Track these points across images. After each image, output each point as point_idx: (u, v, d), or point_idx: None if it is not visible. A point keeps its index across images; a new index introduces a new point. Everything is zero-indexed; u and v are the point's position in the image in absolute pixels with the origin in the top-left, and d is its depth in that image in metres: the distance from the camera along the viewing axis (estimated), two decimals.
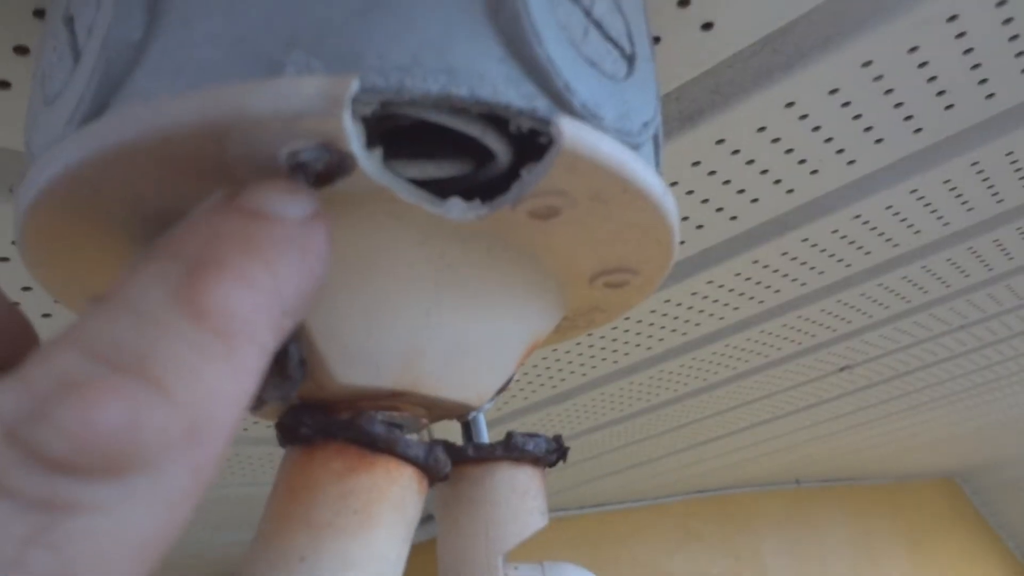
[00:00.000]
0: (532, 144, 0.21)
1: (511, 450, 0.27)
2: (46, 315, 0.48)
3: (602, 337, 0.70)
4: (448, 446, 0.27)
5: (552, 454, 0.28)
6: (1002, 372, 1.21)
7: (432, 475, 0.24)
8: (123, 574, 0.12)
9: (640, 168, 0.22)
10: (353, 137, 0.18)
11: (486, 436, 0.30)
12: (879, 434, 1.54)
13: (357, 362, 0.23)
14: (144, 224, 0.22)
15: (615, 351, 0.74)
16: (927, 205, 0.58)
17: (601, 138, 0.21)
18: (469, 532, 0.27)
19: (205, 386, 0.13)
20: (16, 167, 0.36)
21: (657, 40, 0.35)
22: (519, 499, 0.27)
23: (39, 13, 0.28)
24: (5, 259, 0.42)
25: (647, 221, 0.24)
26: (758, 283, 0.65)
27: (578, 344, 0.71)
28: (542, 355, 0.72)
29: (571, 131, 0.20)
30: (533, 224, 0.23)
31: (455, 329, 0.24)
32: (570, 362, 0.75)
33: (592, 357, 0.75)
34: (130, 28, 0.20)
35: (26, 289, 0.45)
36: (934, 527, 2.39)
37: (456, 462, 0.27)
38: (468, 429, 0.30)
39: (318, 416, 0.23)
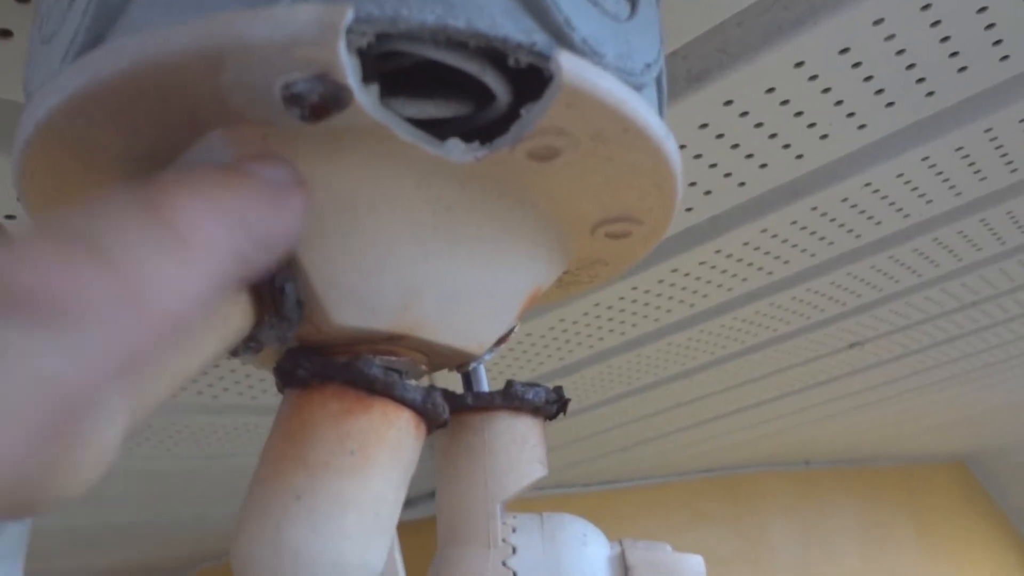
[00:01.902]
0: (531, 85, 0.20)
1: (510, 399, 0.27)
2: None
3: (609, 308, 0.70)
4: (447, 394, 0.27)
5: (551, 404, 0.28)
6: (1013, 352, 1.20)
7: (430, 420, 0.24)
8: (26, 414, 0.12)
9: (642, 108, 0.22)
10: (348, 68, 0.18)
11: (486, 387, 0.30)
12: (889, 415, 1.53)
13: (354, 303, 0.23)
14: (140, 164, 0.22)
15: (623, 322, 0.74)
16: (939, 174, 0.57)
17: (601, 74, 0.20)
18: (468, 480, 0.27)
19: (149, 264, 0.14)
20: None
21: None
22: (518, 448, 0.27)
23: None
24: (11, 216, 0.42)
25: (649, 165, 0.23)
26: (767, 253, 0.64)
27: (585, 315, 0.70)
28: (549, 326, 0.72)
29: (571, 66, 0.19)
30: (533, 166, 0.23)
31: (454, 273, 0.24)
32: (577, 333, 0.74)
33: (599, 328, 0.74)
34: None
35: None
36: (944, 510, 2.38)
37: (455, 411, 0.27)
38: (468, 380, 0.30)
39: (315, 359, 0.23)
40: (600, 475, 1.60)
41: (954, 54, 0.43)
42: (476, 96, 0.22)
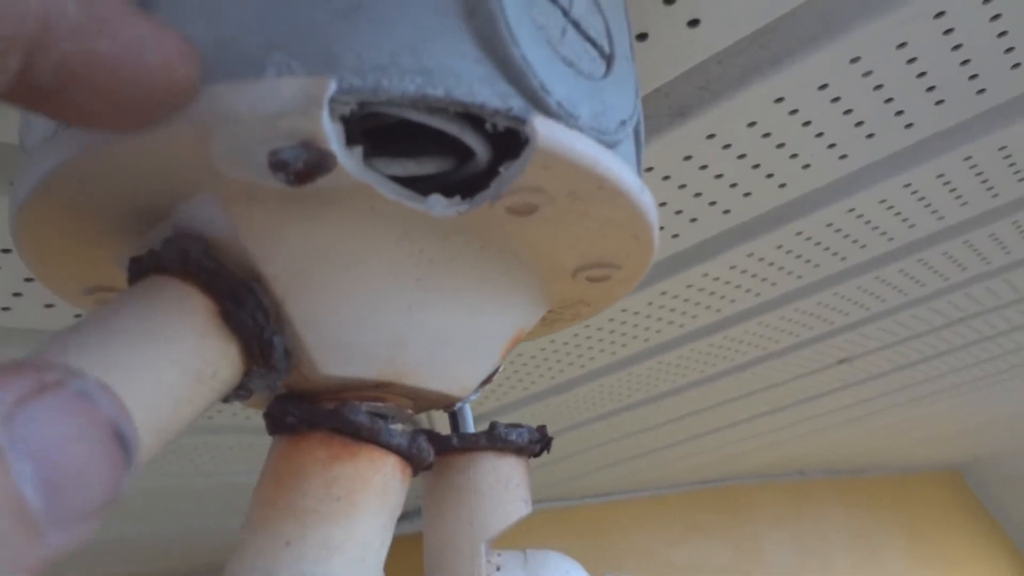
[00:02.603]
0: (510, 142, 0.21)
1: (494, 440, 0.28)
2: (49, 305, 0.49)
3: (599, 329, 0.71)
4: (433, 436, 0.28)
5: (535, 444, 0.28)
6: (1002, 366, 1.21)
7: (415, 464, 0.25)
8: None
9: (615, 166, 0.22)
10: (332, 136, 0.19)
11: (471, 426, 0.31)
12: (881, 427, 1.54)
13: (341, 354, 0.23)
14: (135, 220, 0.23)
15: (613, 343, 0.75)
16: (921, 199, 0.58)
17: (576, 137, 0.21)
18: (454, 520, 0.27)
19: None
20: (16, 160, 0.37)
21: (644, 37, 0.36)
22: (503, 488, 0.28)
23: None
24: (7, 251, 0.42)
25: (624, 218, 0.24)
26: (754, 276, 0.65)
27: (576, 335, 0.71)
28: (540, 346, 0.72)
29: (545, 130, 0.20)
30: (512, 220, 0.23)
31: (437, 323, 0.24)
32: (568, 353, 0.75)
33: (590, 348, 0.75)
34: None
35: (28, 280, 0.46)
36: (937, 520, 2.39)
37: (441, 452, 0.28)
38: (455, 419, 0.31)
39: (303, 406, 0.24)
40: (594, 488, 1.61)
41: (931, 88, 0.44)
42: (457, 151, 0.23)
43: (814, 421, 1.32)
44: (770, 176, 0.50)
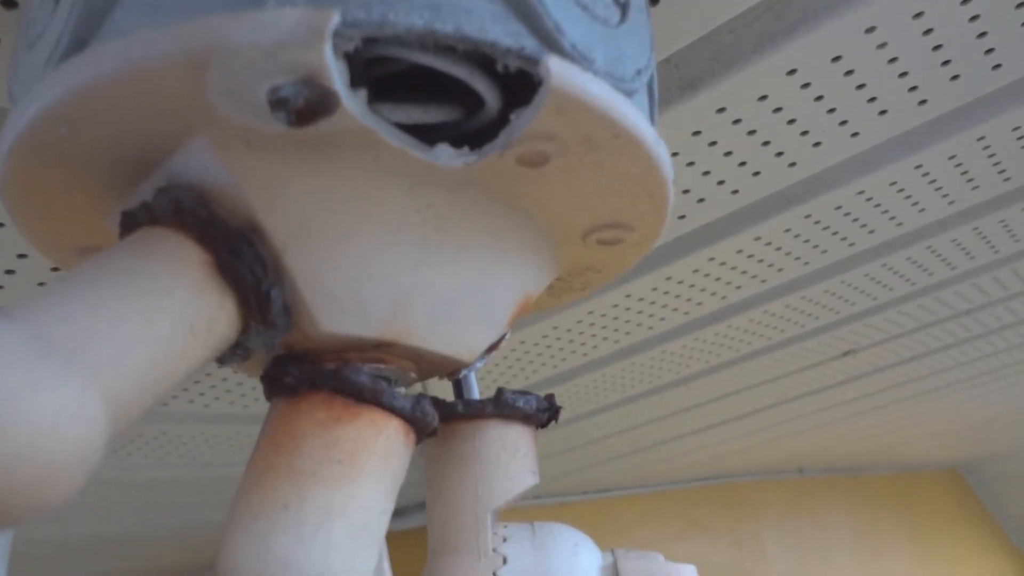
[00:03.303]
0: (521, 90, 0.20)
1: (501, 407, 0.27)
2: (42, 283, 0.47)
3: (603, 315, 0.70)
4: (438, 403, 0.27)
5: (542, 413, 0.27)
6: (1007, 360, 1.20)
7: (419, 428, 0.24)
8: None
9: (632, 113, 0.21)
10: (335, 72, 0.18)
11: (477, 395, 0.30)
12: (883, 423, 1.53)
13: (342, 310, 0.22)
14: (126, 169, 0.22)
15: (616, 330, 0.74)
16: (932, 182, 0.57)
17: (591, 80, 0.20)
18: (459, 489, 0.26)
19: None
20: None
21: (654, 2, 0.35)
22: (509, 457, 0.27)
23: None
24: (0, 224, 0.41)
25: (639, 171, 0.23)
26: (760, 261, 0.64)
27: (579, 322, 0.70)
28: (543, 333, 0.71)
29: (560, 71, 0.19)
30: (523, 173, 0.22)
31: (443, 281, 0.23)
32: (571, 341, 0.74)
33: (593, 336, 0.74)
34: None
35: (21, 256, 0.45)
36: (937, 518, 2.38)
37: (446, 419, 0.27)
38: (459, 388, 0.30)
39: (303, 366, 0.23)
40: (595, 484, 1.60)
41: (946, 62, 0.43)
42: (465, 103, 0.22)
43: (817, 416, 1.31)
44: (780, 154, 0.49)
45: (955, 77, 0.45)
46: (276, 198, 0.21)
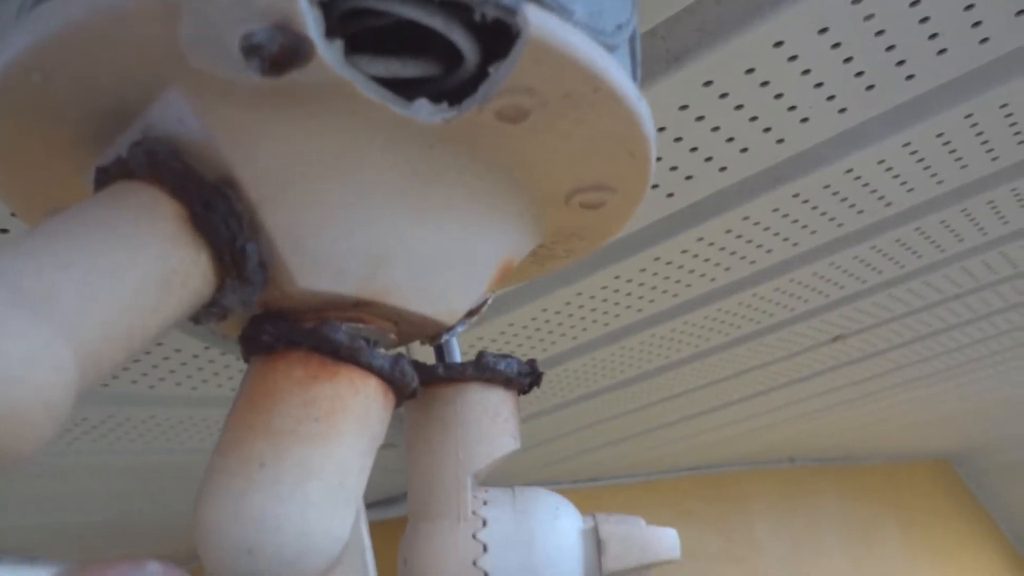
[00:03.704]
0: (500, 41, 0.20)
1: (482, 370, 0.26)
2: None
3: (592, 297, 0.69)
4: (418, 365, 0.26)
5: (524, 377, 0.27)
6: (995, 347, 1.20)
7: (398, 388, 0.24)
8: None
9: (612, 68, 0.21)
10: (309, 17, 0.18)
11: (459, 360, 0.29)
12: (873, 411, 1.54)
13: (320, 267, 0.22)
14: (100, 122, 0.22)
15: (606, 312, 0.73)
16: (920, 160, 0.57)
17: (571, 31, 0.20)
18: (439, 452, 0.26)
19: None
20: None
21: None
22: (490, 420, 0.26)
23: None
24: None
25: (621, 129, 0.23)
26: (749, 241, 0.64)
27: (568, 304, 0.70)
28: (531, 316, 0.71)
29: (539, 21, 0.19)
30: (503, 129, 0.22)
31: (423, 239, 0.23)
32: (560, 324, 0.74)
33: (582, 319, 0.74)
34: None
35: (3, 232, 0.45)
36: (928, 508, 2.40)
37: (426, 382, 0.27)
38: (441, 353, 0.29)
39: (281, 324, 0.23)
40: (584, 472, 1.60)
41: (933, 35, 0.43)
42: (444, 59, 0.22)
43: (807, 403, 1.31)
44: (768, 130, 0.49)
45: (942, 51, 0.45)
46: (251, 152, 0.21)
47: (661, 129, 0.46)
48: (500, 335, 0.74)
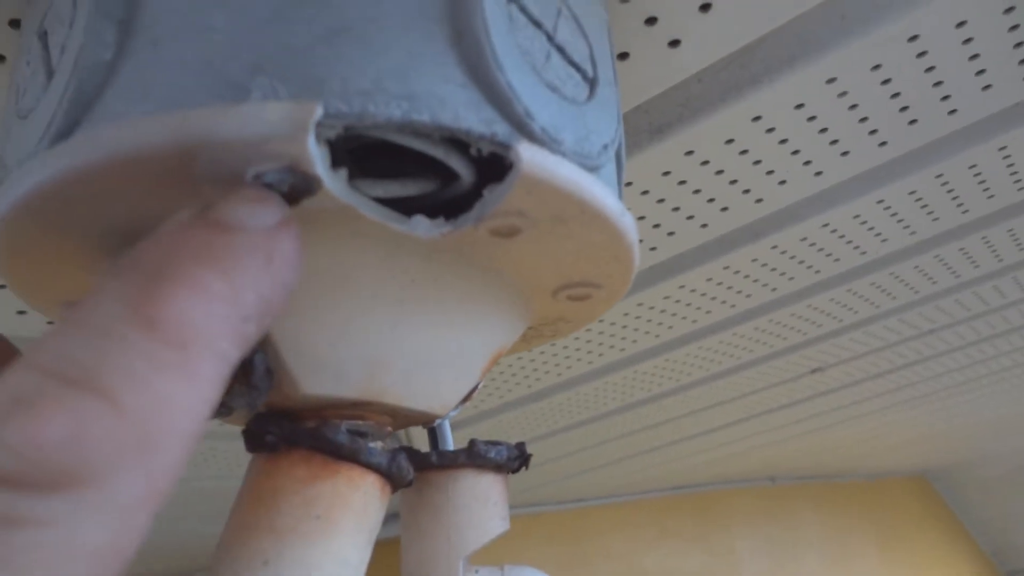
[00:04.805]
0: (495, 164, 0.21)
1: (474, 457, 0.28)
2: (21, 312, 0.48)
3: (576, 339, 0.71)
4: (412, 453, 0.28)
5: (514, 461, 0.29)
6: (971, 375, 1.23)
7: (395, 482, 0.25)
8: None
9: (598, 190, 0.23)
10: (317, 160, 0.19)
11: (451, 442, 0.31)
12: (852, 434, 1.56)
13: (322, 373, 0.23)
14: (116, 238, 0.23)
15: (590, 352, 0.75)
16: (893, 215, 0.59)
17: (560, 162, 0.21)
18: (432, 536, 0.27)
19: (157, 395, 0.13)
20: None
21: (625, 56, 0.36)
22: (481, 505, 0.28)
23: (15, 23, 0.28)
24: None
25: (606, 240, 0.24)
26: (729, 288, 0.66)
27: (553, 345, 0.71)
28: (518, 356, 0.72)
29: (530, 156, 0.21)
30: (495, 241, 0.24)
31: (419, 342, 0.25)
32: (545, 362, 0.75)
33: (567, 358, 0.76)
34: (102, 48, 0.21)
35: (1, 287, 0.45)
36: (906, 524, 2.42)
37: (420, 469, 0.28)
38: (434, 435, 0.31)
39: (283, 424, 0.24)
40: (569, 494, 1.61)
41: (904, 108, 0.45)
42: (441, 172, 0.23)
43: (787, 429, 1.34)
44: (747, 192, 0.50)
45: (913, 122, 0.47)
46: None
47: (645, 192, 0.48)
48: (491, 373, 0.76)
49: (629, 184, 0.47)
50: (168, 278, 0.15)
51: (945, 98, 0.45)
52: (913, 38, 0.39)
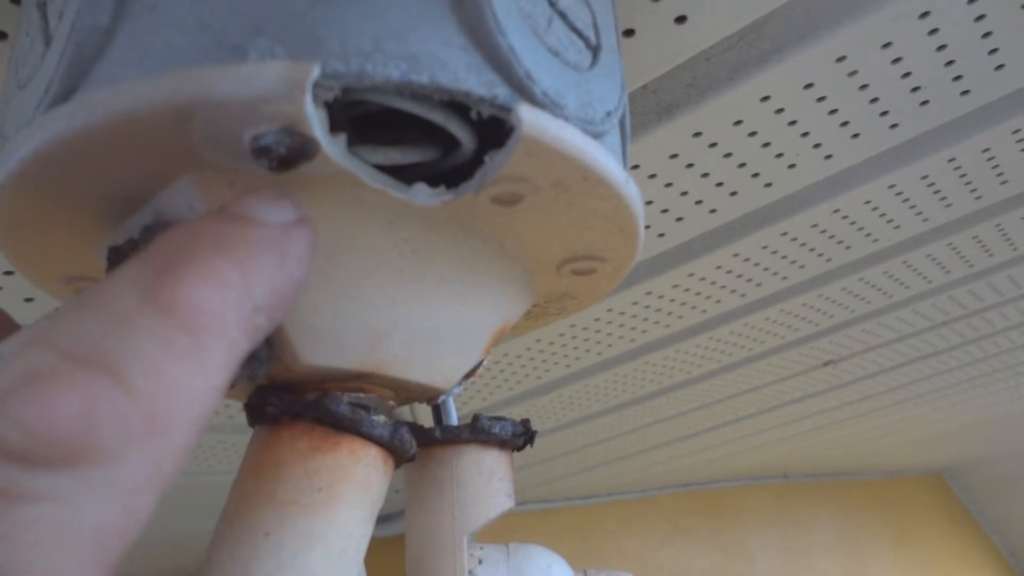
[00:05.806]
0: (496, 131, 0.21)
1: (478, 432, 0.27)
2: (28, 299, 0.48)
3: (585, 328, 0.71)
4: (416, 428, 0.27)
5: (519, 437, 0.28)
6: (985, 369, 1.21)
7: (397, 455, 0.25)
8: (78, 562, 0.12)
9: (601, 156, 0.22)
10: (315, 121, 0.19)
11: (455, 419, 0.30)
12: (866, 429, 1.55)
13: (322, 343, 0.23)
14: (113, 206, 0.23)
15: (599, 343, 0.75)
16: (905, 200, 0.58)
17: (562, 126, 0.21)
18: (436, 512, 0.27)
19: (167, 379, 0.14)
20: None
21: (631, 33, 0.36)
22: (485, 481, 0.27)
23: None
24: None
25: (610, 209, 0.24)
26: (739, 276, 0.65)
27: (561, 335, 0.71)
28: (526, 346, 0.72)
29: (531, 119, 0.20)
30: (497, 210, 0.23)
31: (420, 313, 0.24)
32: (554, 353, 0.75)
33: (576, 348, 0.75)
34: (98, 13, 0.20)
35: (8, 273, 0.45)
36: (921, 523, 2.41)
37: (424, 444, 0.28)
38: (438, 412, 0.30)
39: (285, 396, 0.24)
40: (580, 490, 1.61)
41: (916, 89, 0.44)
42: (442, 141, 0.23)
43: (799, 423, 1.33)
44: (756, 175, 0.50)
45: (925, 103, 0.46)
46: None
47: (652, 176, 0.47)
48: (495, 364, 0.75)
49: (636, 167, 0.46)
50: (184, 266, 0.15)
51: (957, 78, 0.44)
52: (924, 14, 0.39)
